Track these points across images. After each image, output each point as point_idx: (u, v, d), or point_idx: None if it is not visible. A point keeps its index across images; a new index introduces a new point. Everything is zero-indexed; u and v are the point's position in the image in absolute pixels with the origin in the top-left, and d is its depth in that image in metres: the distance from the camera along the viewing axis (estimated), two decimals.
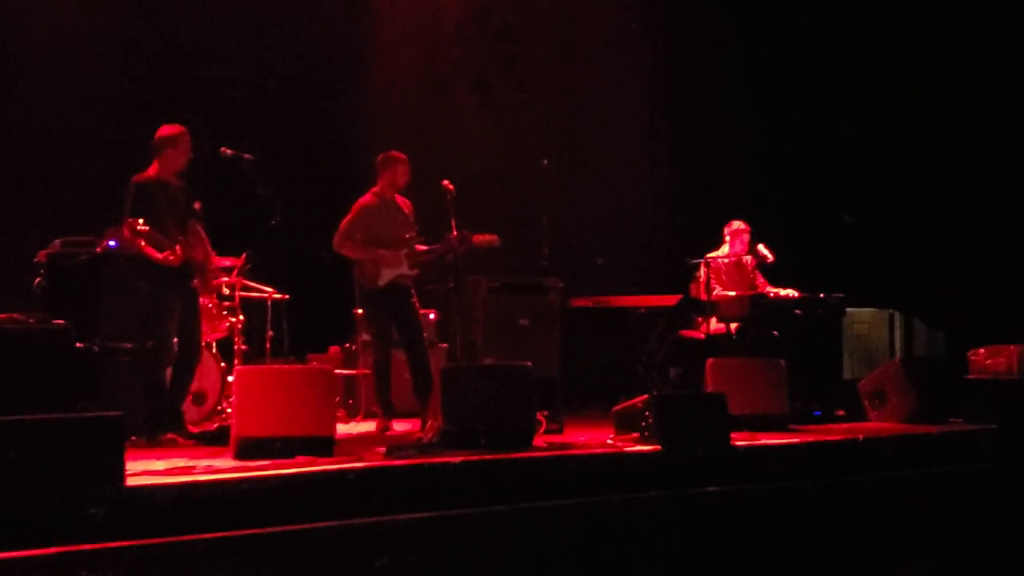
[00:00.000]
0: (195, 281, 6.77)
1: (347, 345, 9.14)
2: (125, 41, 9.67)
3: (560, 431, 7.22)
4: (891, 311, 10.28)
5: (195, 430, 6.91)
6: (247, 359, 7.84)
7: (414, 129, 10.46)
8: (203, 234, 6.87)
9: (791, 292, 8.77)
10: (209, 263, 6.95)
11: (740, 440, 6.49)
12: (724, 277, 9.07)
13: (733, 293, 8.87)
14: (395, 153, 7.71)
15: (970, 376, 8.80)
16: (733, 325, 8.73)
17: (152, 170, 6.68)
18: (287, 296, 8.40)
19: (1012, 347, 8.80)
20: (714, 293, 8.73)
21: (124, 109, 9.44)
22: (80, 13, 9.29)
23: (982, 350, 8.99)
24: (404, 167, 7.67)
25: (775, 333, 8.52)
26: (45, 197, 8.94)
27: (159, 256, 6.40)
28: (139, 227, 6.22)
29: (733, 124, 10.90)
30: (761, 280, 9.07)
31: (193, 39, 10.05)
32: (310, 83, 10.46)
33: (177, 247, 6.43)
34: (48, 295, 6.68)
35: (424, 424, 7.06)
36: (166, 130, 6.74)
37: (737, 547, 5.58)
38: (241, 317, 7.87)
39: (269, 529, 4.44)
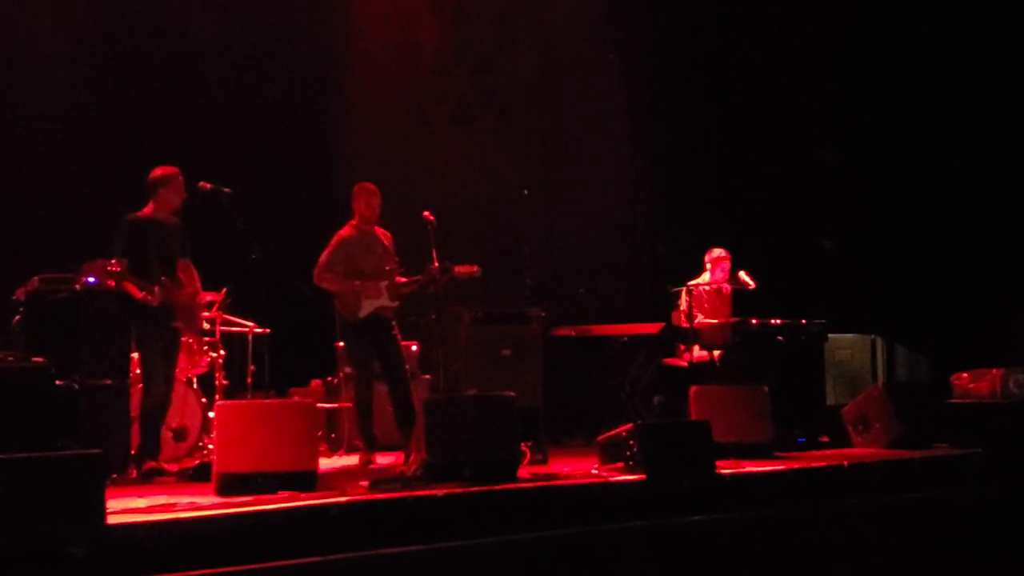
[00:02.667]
0: (177, 322, 6.88)
1: (329, 378, 9.09)
2: (103, 76, 9.65)
3: (544, 461, 7.20)
4: (873, 336, 10.29)
5: (176, 467, 6.88)
6: (228, 394, 7.79)
7: (394, 160, 10.46)
8: (195, 273, 6.98)
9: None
10: (196, 303, 7.03)
11: (725, 468, 6.48)
12: (706, 305, 9.09)
13: (715, 321, 8.88)
14: (366, 184, 7.75)
15: (953, 400, 8.81)
16: (716, 352, 8.74)
17: (147, 209, 6.87)
18: (268, 330, 8.35)
19: (995, 371, 8.82)
20: (696, 321, 8.73)
21: (102, 144, 9.41)
22: (56, 47, 9.27)
23: (965, 374, 9.01)
24: (374, 197, 7.68)
25: (758, 360, 8.53)
26: (23, 234, 8.88)
27: (139, 295, 6.55)
28: (110, 267, 6.42)
29: (713, 151, 10.95)
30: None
31: (172, 73, 10.04)
32: (289, 116, 10.45)
33: (156, 288, 6.59)
34: (27, 332, 6.63)
35: (407, 457, 7.01)
36: (159, 171, 6.92)
37: (724, 575, 5.56)
38: (222, 352, 7.82)
39: (253, 566, 4.41)
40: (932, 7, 10.61)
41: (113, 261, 6.44)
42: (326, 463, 7.36)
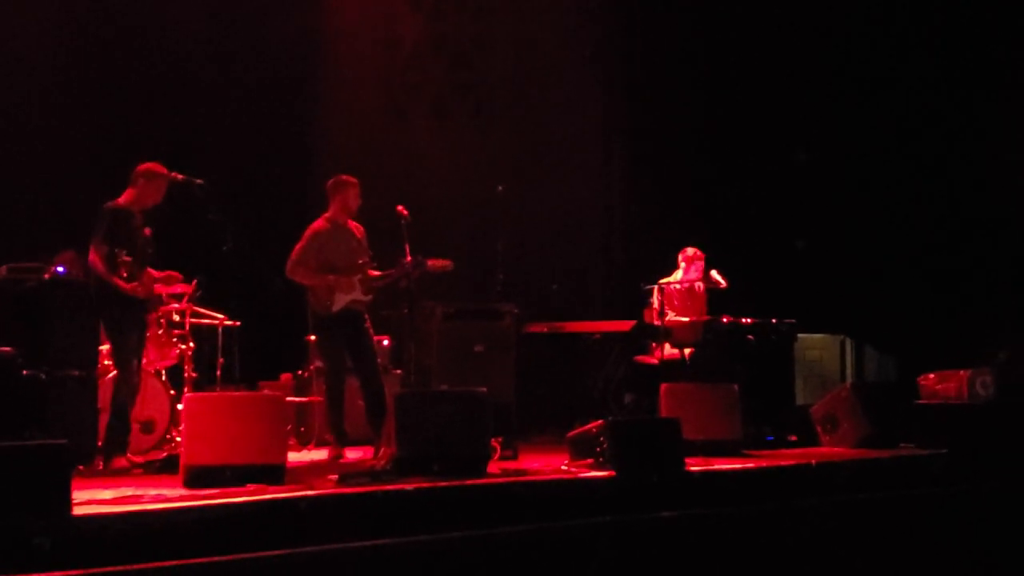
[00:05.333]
0: (149, 314, 6.96)
1: (299, 372, 9.06)
2: (77, 65, 9.57)
3: (514, 457, 7.20)
4: (842, 337, 10.38)
5: (143, 459, 6.85)
6: (197, 386, 7.74)
7: (370, 154, 10.43)
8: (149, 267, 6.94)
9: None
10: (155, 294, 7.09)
11: (694, 465, 6.51)
12: (677, 303, 9.13)
13: (686, 319, 8.92)
14: (345, 177, 7.70)
15: (920, 401, 8.89)
16: (687, 350, 8.78)
17: (124, 198, 6.82)
18: (238, 323, 8.32)
19: (962, 372, 8.91)
20: (667, 319, 8.77)
21: (71, 135, 9.32)
22: (30, 35, 9.18)
23: (932, 375, 9.10)
24: (355, 190, 7.65)
25: (728, 359, 8.57)
26: None
27: (128, 286, 6.55)
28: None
29: (687, 150, 11.00)
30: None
31: (145, 62, 9.96)
32: (264, 107, 10.40)
33: (145, 278, 6.66)
34: None
35: (377, 451, 7.01)
36: (148, 165, 6.89)
37: (692, 572, 5.58)
38: (191, 344, 7.77)
39: (219, 558, 4.38)
40: (907, 8, 10.70)
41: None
42: (295, 457, 7.34)
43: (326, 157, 10.02)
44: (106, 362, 7.20)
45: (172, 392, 7.61)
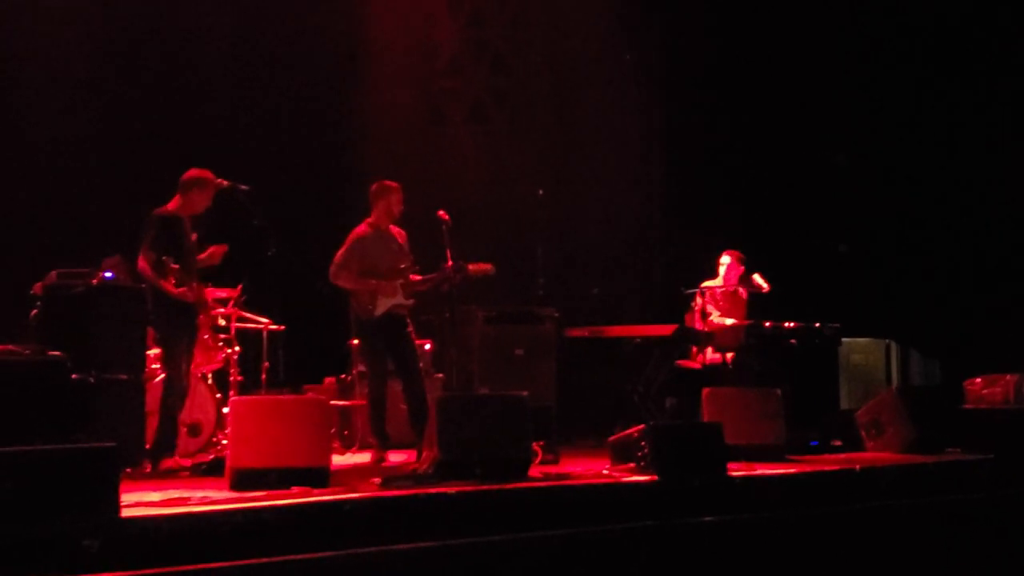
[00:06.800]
0: (200, 317, 7.06)
1: (343, 376, 9.12)
2: (119, 72, 9.70)
3: (556, 461, 7.20)
4: (887, 341, 10.28)
5: (190, 461, 6.93)
6: (243, 390, 7.82)
7: (410, 159, 10.48)
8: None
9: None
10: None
11: (737, 470, 6.47)
12: (719, 306, 9.09)
13: (729, 322, 8.88)
14: (389, 182, 7.74)
15: (967, 406, 8.79)
16: (729, 355, 8.74)
17: (172, 205, 6.91)
18: (283, 327, 8.39)
19: (1009, 376, 8.80)
20: (709, 323, 8.73)
21: (119, 141, 9.46)
22: (74, 44, 9.32)
23: (979, 379, 8.99)
24: (398, 195, 7.69)
25: (771, 363, 8.52)
26: (41, 229, 8.94)
27: (176, 291, 6.65)
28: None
29: (728, 153, 10.94)
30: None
31: (188, 70, 10.08)
32: (306, 113, 10.49)
33: (194, 283, 6.76)
34: (44, 327, 6.67)
35: (420, 455, 7.03)
36: (196, 172, 6.97)
37: None
38: (237, 348, 7.85)
39: (264, 560, 4.42)
40: (952, 13, 10.59)
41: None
42: (339, 460, 7.38)
43: (367, 163, 10.08)
44: (153, 366, 7.29)
45: (218, 395, 7.69)
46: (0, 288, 7.91)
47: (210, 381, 7.76)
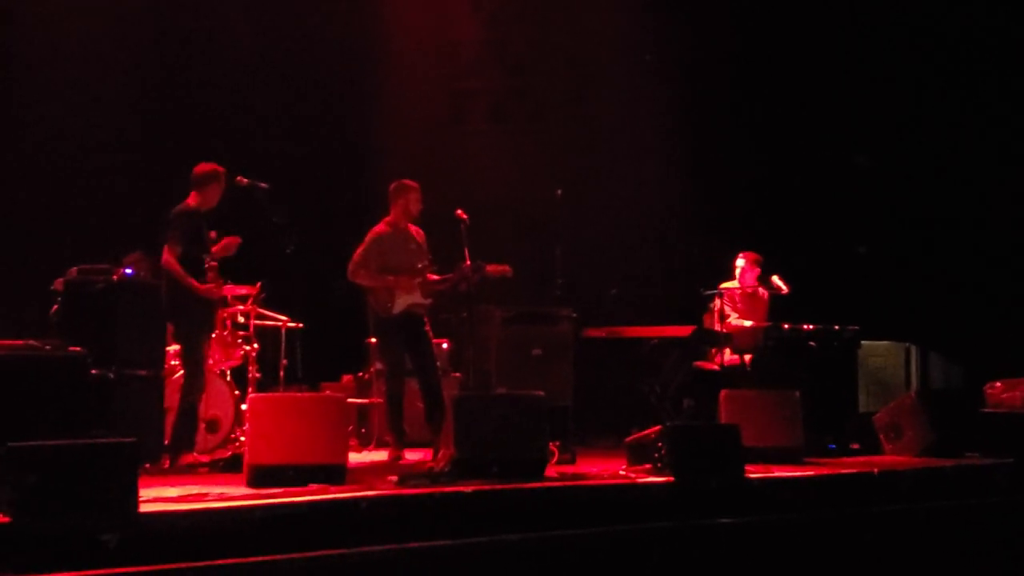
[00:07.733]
0: (218, 314, 7.17)
1: (360, 374, 9.15)
2: (140, 70, 9.76)
3: (572, 461, 7.20)
4: (907, 344, 10.22)
5: (208, 458, 6.96)
6: (261, 387, 7.86)
7: (429, 159, 10.50)
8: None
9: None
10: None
11: (754, 472, 6.45)
12: (738, 308, 9.06)
13: (748, 324, 8.85)
14: (407, 181, 7.75)
15: (986, 409, 8.72)
16: (747, 356, 8.71)
17: (192, 200, 6.93)
18: (301, 324, 8.42)
19: None
20: (728, 324, 8.71)
21: (139, 138, 9.53)
22: (94, 42, 9.39)
23: (999, 383, 8.93)
24: (416, 195, 7.70)
25: (789, 365, 8.49)
26: (62, 225, 9.00)
27: (202, 288, 6.68)
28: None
29: (748, 154, 10.91)
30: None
31: (208, 69, 10.14)
32: (325, 112, 10.53)
33: (220, 280, 6.82)
34: (64, 322, 6.72)
35: (436, 453, 7.05)
36: (207, 167, 6.99)
37: None
38: (255, 345, 7.89)
39: (281, 556, 4.44)
40: (979, 12, 10.53)
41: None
42: (356, 458, 7.40)
43: (386, 162, 10.10)
44: (172, 362, 7.33)
45: (236, 392, 7.73)
46: (22, 284, 7.98)
47: (228, 378, 7.79)
